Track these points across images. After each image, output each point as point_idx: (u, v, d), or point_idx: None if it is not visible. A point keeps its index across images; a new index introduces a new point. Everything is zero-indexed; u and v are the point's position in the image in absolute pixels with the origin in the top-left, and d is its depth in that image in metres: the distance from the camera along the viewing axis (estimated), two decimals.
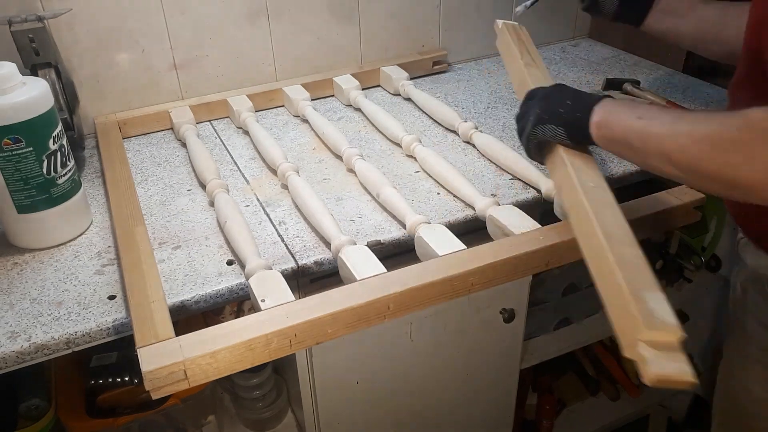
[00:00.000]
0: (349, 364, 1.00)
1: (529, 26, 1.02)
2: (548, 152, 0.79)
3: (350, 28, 1.34)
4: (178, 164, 1.08)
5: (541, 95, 0.79)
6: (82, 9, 1.10)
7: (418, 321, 1.01)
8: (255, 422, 1.17)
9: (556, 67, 1.43)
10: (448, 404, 1.16)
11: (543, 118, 0.75)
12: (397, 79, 1.30)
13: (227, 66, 1.26)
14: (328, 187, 0.99)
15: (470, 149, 1.09)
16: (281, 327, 0.65)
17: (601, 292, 0.62)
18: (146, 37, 1.17)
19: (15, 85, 0.78)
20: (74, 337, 0.72)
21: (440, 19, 1.42)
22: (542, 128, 0.75)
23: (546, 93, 0.78)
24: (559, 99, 0.75)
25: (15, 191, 0.81)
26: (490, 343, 1.12)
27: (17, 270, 0.83)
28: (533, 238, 0.78)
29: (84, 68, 1.15)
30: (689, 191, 0.87)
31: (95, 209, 0.96)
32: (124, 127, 1.17)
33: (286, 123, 1.22)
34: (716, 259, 1.36)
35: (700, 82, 1.33)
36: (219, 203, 0.90)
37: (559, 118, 0.74)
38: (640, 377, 0.54)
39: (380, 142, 1.13)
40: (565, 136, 0.74)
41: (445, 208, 0.93)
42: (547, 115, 0.75)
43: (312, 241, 0.86)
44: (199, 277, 0.80)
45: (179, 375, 0.61)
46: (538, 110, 0.76)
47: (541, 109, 0.76)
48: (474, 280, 0.74)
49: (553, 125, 0.74)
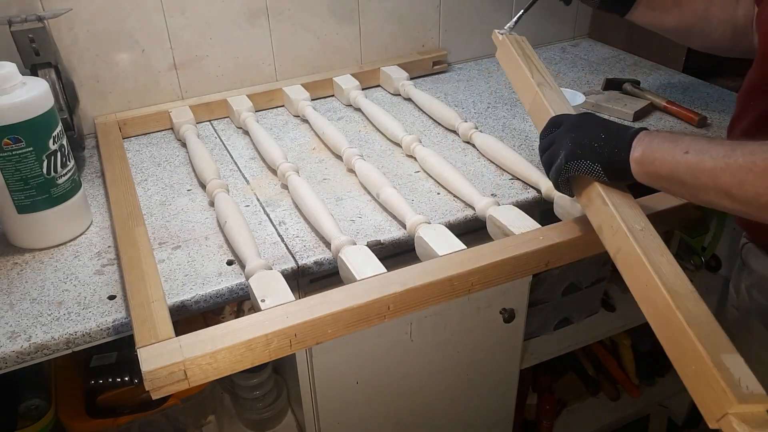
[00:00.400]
0: (349, 364, 1.00)
1: (528, 26, 1.02)
2: (580, 187, 0.75)
3: (350, 28, 1.34)
4: (178, 164, 1.08)
5: (568, 126, 0.74)
6: (82, 9, 1.10)
7: (418, 321, 1.01)
8: (255, 422, 1.17)
9: (556, 67, 1.43)
10: (448, 404, 1.16)
11: (576, 153, 0.71)
12: (397, 79, 1.30)
13: (227, 66, 1.26)
14: (328, 187, 0.99)
15: (470, 149, 1.09)
16: (281, 327, 0.65)
17: (669, 353, 0.59)
18: (146, 37, 1.17)
19: (15, 85, 0.78)
20: (74, 337, 0.72)
21: (440, 19, 1.42)
22: (576, 164, 0.71)
23: (574, 124, 0.74)
24: (591, 132, 0.71)
25: (15, 191, 0.81)
26: (490, 343, 1.12)
27: (17, 270, 0.83)
28: (533, 238, 0.78)
29: (84, 68, 1.15)
30: None
31: (95, 209, 0.96)
32: (124, 127, 1.17)
33: (286, 123, 1.22)
34: (716, 259, 1.36)
35: (700, 82, 1.33)
36: (219, 203, 0.90)
37: (594, 154, 0.70)
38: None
39: (380, 142, 1.13)
40: (602, 173, 0.70)
41: (445, 208, 0.93)
42: (580, 150, 0.71)
43: (312, 241, 0.86)
44: (199, 277, 0.80)
45: (179, 375, 0.61)
46: (570, 144, 0.71)
47: (572, 142, 0.71)
48: (474, 280, 0.74)
49: (588, 161, 0.70)
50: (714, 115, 1.17)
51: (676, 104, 1.19)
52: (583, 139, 0.71)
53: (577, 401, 1.56)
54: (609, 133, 0.70)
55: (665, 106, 1.20)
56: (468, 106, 1.27)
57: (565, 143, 0.72)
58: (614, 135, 0.70)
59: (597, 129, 0.71)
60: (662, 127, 1.15)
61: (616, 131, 0.71)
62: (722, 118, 1.17)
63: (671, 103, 1.19)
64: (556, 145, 0.74)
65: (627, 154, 0.68)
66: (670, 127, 1.15)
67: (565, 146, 0.72)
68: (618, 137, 0.69)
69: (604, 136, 0.70)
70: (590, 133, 0.71)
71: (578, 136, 0.72)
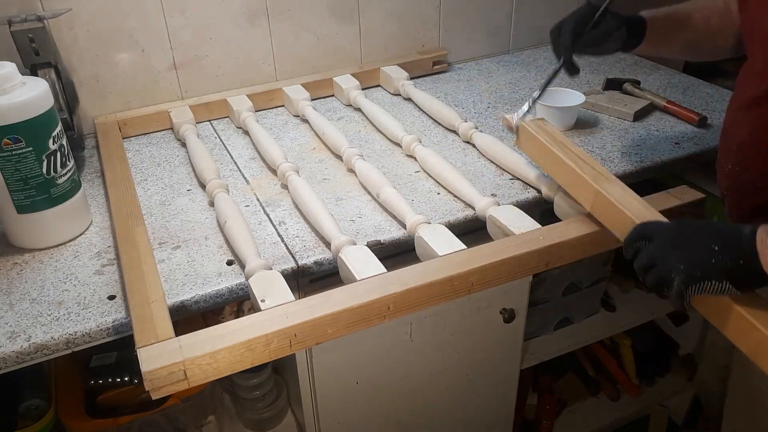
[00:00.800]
0: (349, 365, 1.00)
1: (528, 26, 1.02)
2: (705, 303, 0.67)
3: (350, 28, 1.34)
4: (177, 164, 1.08)
5: (667, 242, 0.67)
6: (82, 9, 1.10)
7: (418, 321, 1.01)
8: (255, 422, 1.17)
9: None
10: (448, 404, 1.16)
11: (695, 276, 0.63)
12: (397, 79, 1.30)
13: (227, 66, 1.26)
14: (328, 187, 0.99)
15: (470, 149, 1.09)
16: (281, 327, 0.65)
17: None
18: (146, 37, 1.17)
19: (15, 85, 0.78)
20: (74, 337, 0.72)
21: (440, 19, 1.42)
22: (699, 286, 0.63)
23: (673, 240, 0.66)
24: (700, 246, 0.63)
25: (15, 191, 0.81)
26: (490, 343, 1.12)
27: (17, 270, 0.83)
28: (533, 238, 0.78)
29: (84, 68, 1.15)
30: (689, 191, 0.87)
31: (95, 209, 0.96)
32: (124, 127, 1.17)
33: (286, 123, 1.22)
34: None
35: (700, 81, 1.33)
36: (219, 203, 0.90)
37: (717, 272, 0.62)
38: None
39: (380, 142, 1.13)
40: (734, 290, 0.63)
41: (445, 208, 0.93)
42: (699, 272, 0.63)
43: (312, 241, 0.86)
44: (199, 277, 0.80)
45: (179, 375, 0.61)
46: (682, 266, 0.63)
47: (684, 264, 0.63)
48: (474, 280, 0.74)
49: (714, 281, 0.62)
50: (714, 115, 1.17)
51: (676, 104, 1.19)
52: (695, 258, 0.63)
53: (577, 401, 1.56)
54: (722, 243, 0.63)
55: (665, 106, 1.20)
56: (468, 106, 1.27)
57: (675, 266, 0.64)
58: (729, 243, 0.63)
59: (704, 241, 0.64)
60: (662, 127, 1.15)
61: (728, 238, 0.63)
62: (722, 118, 1.16)
63: (671, 103, 1.19)
64: (661, 266, 0.66)
65: (757, 263, 0.61)
66: (670, 127, 1.15)
67: (676, 269, 0.64)
68: (735, 246, 0.62)
69: (718, 247, 0.62)
70: (699, 248, 0.64)
71: (687, 255, 0.64)
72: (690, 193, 0.86)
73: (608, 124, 1.18)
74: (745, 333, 0.63)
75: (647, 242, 0.69)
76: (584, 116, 1.20)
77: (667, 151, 1.07)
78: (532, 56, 1.51)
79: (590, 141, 1.11)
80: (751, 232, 0.62)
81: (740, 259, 0.62)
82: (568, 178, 0.85)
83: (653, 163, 1.04)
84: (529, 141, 0.92)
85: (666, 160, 1.05)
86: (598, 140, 1.11)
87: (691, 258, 0.63)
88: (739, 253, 0.62)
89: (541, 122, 0.93)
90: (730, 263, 0.62)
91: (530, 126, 0.92)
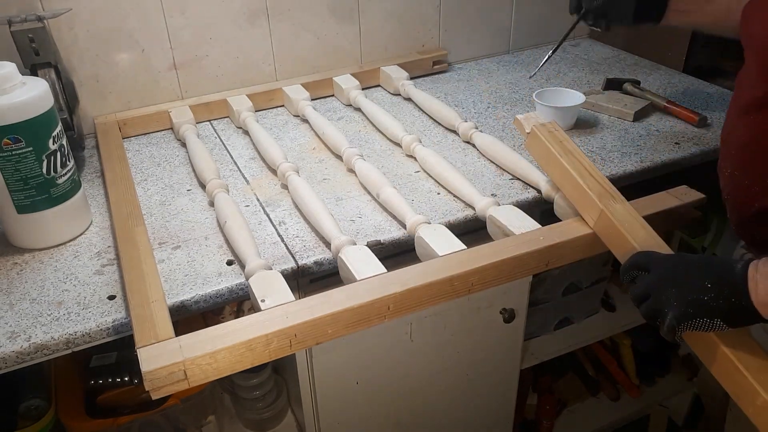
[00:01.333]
0: (349, 365, 1.00)
1: (528, 26, 1.01)
2: (694, 338, 0.68)
3: (350, 28, 1.34)
4: (177, 164, 1.08)
5: (662, 278, 0.67)
6: (82, 9, 1.10)
7: (418, 321, 1.01)
8: (255, 422, 1.17)
9: (557, 67, 1.43)
10: (448, 404, 1.16)
11: (688, 313, 0.63)
12: (397, 79, 1.30)
13: (227, 66, 1.26)
14: (328, 187, 0.99)
15: (470, 149, 1.09)
16: (281, 327, 0.65)
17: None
18: (146, 37, 1.17)
19: (15, 85, 0.78)
20: (74, 337, 0.72)
21: (440, 19, 1.42)
22: (691, 323, 0.64)
23: (669, 277, 0.66)
24: (693, 284, 0.64)
25: (15, 191, 0.81)
26: (490, 343, 1.12)
27: (17, 270, 0.83)
28: (533, 238, 0.78)
29: (84, 68, 1.15)
30: (690, 191, 0.87)
31: (95, 209, 0.96)
32: (124, 127, 1.17)
33: (286, 123, 1.22)
34: None
35: (700, 81, 1.33)
36: (219, 203, 0.90)
37: (710, 310, 0.63)
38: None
39: (380, 142, 1.13)
40: (724, 326, 0.63)
41: (445, 208, 0.93)
42: (692, 309, 0.63)
43: (312, 241, 0.86)
44: (199, 277, 0.80)
45: (179, 375, 0.61)
46: (675, 303, 0.64)
47: (677, 301, 0.64)
48: (474, 280, 0.74)
49: (706, 319, 0.63)
50: (714, 115, 1.17)
51: (676, 104, 1.19)
52: (688, 296, 0.64)
53: (577, 401, 1.56)
54: (715, 280, 0.63)
55: (665, 106, 1.20)
56: (468, 106, 1.27)
57: (669, 302, 0.65)
58: (722, 280, 0.63)
59: (698, 278, 0.64)
60: (662, 127, 1.15)
61: (721, 275, 0.63)
62: (722, 118, 1.16)
63: (671, 103, 1.19)
64: (655, 300, 0.66)
65: (748, 300, 0.61)
66: (670, 127, 1.15)
67: (669, 305, 0.65)
68: (728, 282, 0.63)
69: (710, 285, 0.63)
70: (693, 286, 0.64)
71: (681, 293, 0.64)
72: (690, 193, 0.86)
73: (608, 124, 1.18)
74: (730, 374, 0.63)
75: (645, 272, 0.69)
76: (584, 116, 1.20)
77: (667, 151, 1.07)
78: (532, 56, 1.51)
79: (590, 141, 1.11)
80: (743, 268, 0.63)
81: (732, 297, 0.62)
82: (574, 191, 0.84)
83: (653, 163, 1.04)
84: (538, 147, 0.90)
85: (666, 160, 1.05)
86: (598, 140, 1.11)
87: (684, 295, 0.64)
88: (730, 291, 0.62)
89: (552, 127, 0.91)
90: (722, 301, 0.62)
91: (541, 132, 0.89)
